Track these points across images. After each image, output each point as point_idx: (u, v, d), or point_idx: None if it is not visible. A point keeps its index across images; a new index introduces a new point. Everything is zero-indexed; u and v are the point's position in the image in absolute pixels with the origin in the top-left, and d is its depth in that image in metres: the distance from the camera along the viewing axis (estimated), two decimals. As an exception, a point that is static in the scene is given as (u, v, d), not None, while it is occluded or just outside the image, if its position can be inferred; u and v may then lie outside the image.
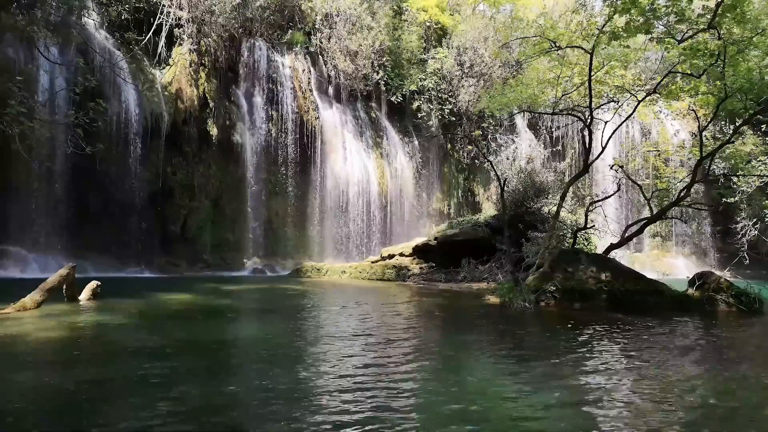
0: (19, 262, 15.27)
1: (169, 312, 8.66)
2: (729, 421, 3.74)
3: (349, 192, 23.21)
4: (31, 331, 6.23)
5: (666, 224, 25.56)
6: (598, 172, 25.41)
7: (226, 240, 20.61)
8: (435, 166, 27.07)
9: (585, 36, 11.76)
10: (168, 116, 18.76)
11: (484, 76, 25.95)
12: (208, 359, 5.34)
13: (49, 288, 8.10)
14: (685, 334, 7.47)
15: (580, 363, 5.38)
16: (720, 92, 10.92)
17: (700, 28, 10.28)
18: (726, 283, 10.07)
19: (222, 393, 4.05)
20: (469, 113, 26.10)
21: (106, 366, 4.84)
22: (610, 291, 9.83)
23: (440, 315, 9.41)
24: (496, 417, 3.65)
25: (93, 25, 17.86)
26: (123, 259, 17.15)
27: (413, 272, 16.64)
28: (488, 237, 16.53)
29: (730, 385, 4.68)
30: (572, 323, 7.93)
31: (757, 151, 17.21)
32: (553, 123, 28.07)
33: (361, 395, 4.00)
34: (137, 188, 17.74)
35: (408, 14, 26.45)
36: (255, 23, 22.12)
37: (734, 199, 19.35)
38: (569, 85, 13.78)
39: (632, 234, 13.09)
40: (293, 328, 7.32)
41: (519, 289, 10.05)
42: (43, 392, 4.06)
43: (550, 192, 17.45)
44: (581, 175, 14.42)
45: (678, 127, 25.00)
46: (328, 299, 11.44)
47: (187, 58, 19.76)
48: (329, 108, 23.92)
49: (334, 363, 5.06)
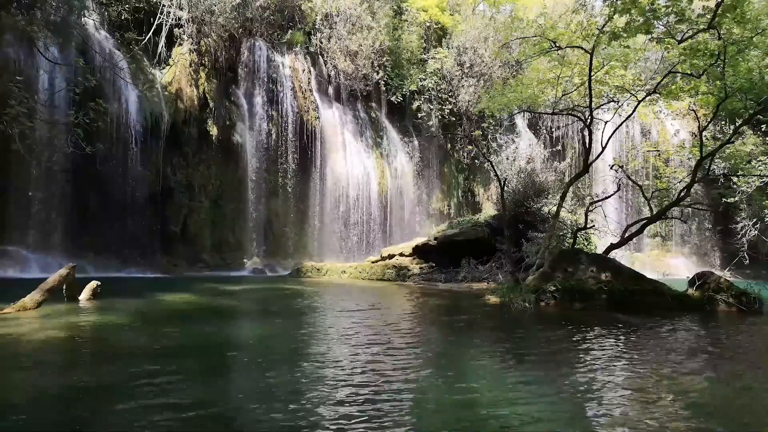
0: (19, 262, 15.26)
1: (169, 312, 8.66)
2: (729, 421, 3.74)
3: (349, 192, 23.21)
4: (30, 332, 6.23)
5: (666, 224, 25.55)
6: (598, 172, 25.42)
7: (226, 240, 20.62)
8: (435, 166, 27.07)
9: (585, 36, 11.75)
10: (168, 116, 18.75)
11: (484, 76, 25.95)
12: (208, 360, 5.34)
13: (49, 288, 8.10)
14: (685, 335, 7.46)
15: (580, 363, 5.38)
16: (720, 92, 10.91)
17: (700, 28, 10.28)
18: (726, 283, 10.07)
19: (221, 394, 4.05)
20: (469, 113, 26.10)
21: (105, 366, 4.83)
22: (610, 291, 9.83)
23: (440, 315, 9.41)
24: (495, 417, 3.65)
25: (93, 25, 17.85)
26: (123, 259, 17.15)
27: (413, 272, 16.64)
28: (488, 237, 16.53)
29: (729, 385, 4.68)
30: (572, 323, 7.93)
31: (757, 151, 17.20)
32: (553, 123, 28.07)
33: (360, 395, 4.00)
34: (137, 188, 17.74)
35: (408, 14, 26.46)
36: (255, 23, 22.12)
37: (734, 199, 19.35)
38: (569, 85, 13.78)
39: (632, 234, 13.08)
40: (293, 329, 7.31)
41: (519, 289, 10.06)
42: (43, 393, 4.05)
43: (550, 192, 17.45)
44: (581, 175, 14.41)
45: (678, 127, 25.00)
46: (327, 299, 11.44)
47: (187, 58, 19.76)
48: (329, 108, 23.92)
49: (333, 363, 5.06)
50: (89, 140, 12.96)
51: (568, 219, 17.38)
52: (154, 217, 18.32)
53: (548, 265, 10.89)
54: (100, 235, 16.86)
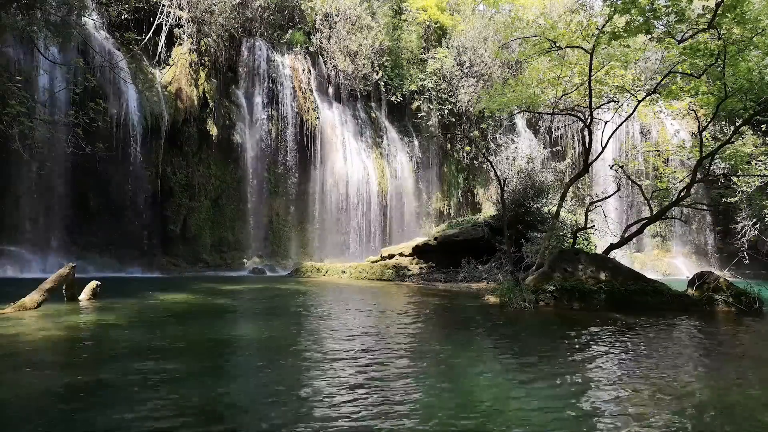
0: (19, 262, 15.28)
1: (169, 312, 8.66)
2: (728, 421, 3.74)
3: (349, 192, 23.22)
4: (30, 331, 6.24)
5: (666, 224, 25.56)
6: (598, 172, 25.42)
7: (226, 240, 20.63)
8: (435, 166, 27.08)
9: (585, 36, 11.76)
10: (168, 116, 18.76)
11: (484, 76, 25.97)
12: (208, 360, 5.34)
13: (49, 288, 8.10)
14: (684, 334, 7.47)
15: (579, 363, 5.38)
16: (720, 92, 10.91)
17: (700, 28, 10.28)
18: (725, 283, 10.07)
19: (221, 394, 4.06)
20: (469, 113, 26.11)
21: (105, 366, 4.84)
22: (610, 291, 9.83)
23: (439, 315, 9.41)
24: (494, 417, 3.65)
25: (93, 25, 17.85)
26: (123, 259, 17.16)
27: (413, 272, 16.65)
28: (488, 237, 16.53)
29: (728, 385, 4.68)
30: (571, 323, 7.93)
31: (757, 151, 17.21)
32: (553, 123, 28.07)
33: (360, 395, 4.00)
34: (137, 188, 17.75)
35: (408, 14, 26.47)
36: (255, 23, 22.14)
37: (734, 199, 19.36)
38: (569, 85, 13.78)
39: (632, 234, 13.09)
40: (292, 329, 7.32)
41: (519, 289, 10.05)
42: (43, 392, 4.05)
43: (550, 192, 17.45)
44: (581, 175, 14.42)
45: (678, 127, 25.01)
46: (327, 299, 11.44)
47: (187, 58, 19.76)
48: (329, 108, 23.93)
49: (333, 363, 5.07)
50: (89, 140, 12.96)
51: (568, 219, 17.40)
52: (154, 217, 18.33)
53: (548, 265, 10.89)
54: (100, 235, 16.88)
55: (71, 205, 16.58)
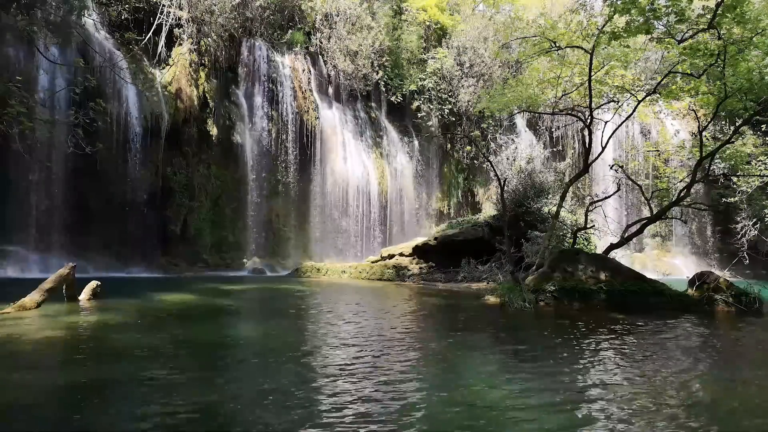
0: (19, 262, 15.27)
1: (169, 312, 8.66)
2: (728, 421, 3.74)
3: (348, 192, 23.22)
4: (30, 331, 6.23)
5: (666, 224, 25.55)
6: (598, 172, 25.41)
7: (226, 240, 20.61)
8: (435, 166, 27.07)
9: (585, 36, 11.76)
10: (168, 116, 18.75)
11: (484, 76, 25.97)
12: (207, 360, 5.34)
13: (49, 288, 8.09)
14: (684, 334, 7.46)
15: (579, 363, 5.38)
16: (720, 92, 10.91)
17: (700, 28, 10.28)
18: (726, 283, 10.07)
19: (221, 393, 4.05)
20: (469, 113, 26.11)
21: (104, 367, 4.84)
22: (610, 291, 9.84)
23: (439, 315, 9.41)
24: (494, 417, 3.65)
25: (93, 25, 17.85)
26: (123, 259, 17.15)
27: (413, 272, 16.65)
28: (488, 237, 16.54)
29: (728, 385, 4.68)
30: (571, 323, 7.92)
31: (757, 152, 17.20)
32: (553, 123, 28.07)
33: (359, 395, 4.00)
34: (137, 188, 17.74)
35: (408, 14, 26.46)
36: (255, 23, 22.13)
37: (734, 199, 19.36)
38: (569, 85, 13.78)
39: (632, 234, 13.09)
40: (292, 329, 7.32)
41: (519, 289, 10.05)
42: (42, 392, 4.05)
43: (550, 192, 17.45)
44: (581, 175, 14.41)
45: (678, 127, 24.99)
46: (327, 299, 11.44)
47: (187, 58, 19.76)
48: (329, 108, 23.93)
49: (333, 363, 5.06)
50: (89, 140, 12.95)
51: (568, 219, 17.40)
52: (154, 217, 18.32)
53: (548, 265, 10.89)
54: (100, 235, 16.86)
55: (71, 205, 16.56)
